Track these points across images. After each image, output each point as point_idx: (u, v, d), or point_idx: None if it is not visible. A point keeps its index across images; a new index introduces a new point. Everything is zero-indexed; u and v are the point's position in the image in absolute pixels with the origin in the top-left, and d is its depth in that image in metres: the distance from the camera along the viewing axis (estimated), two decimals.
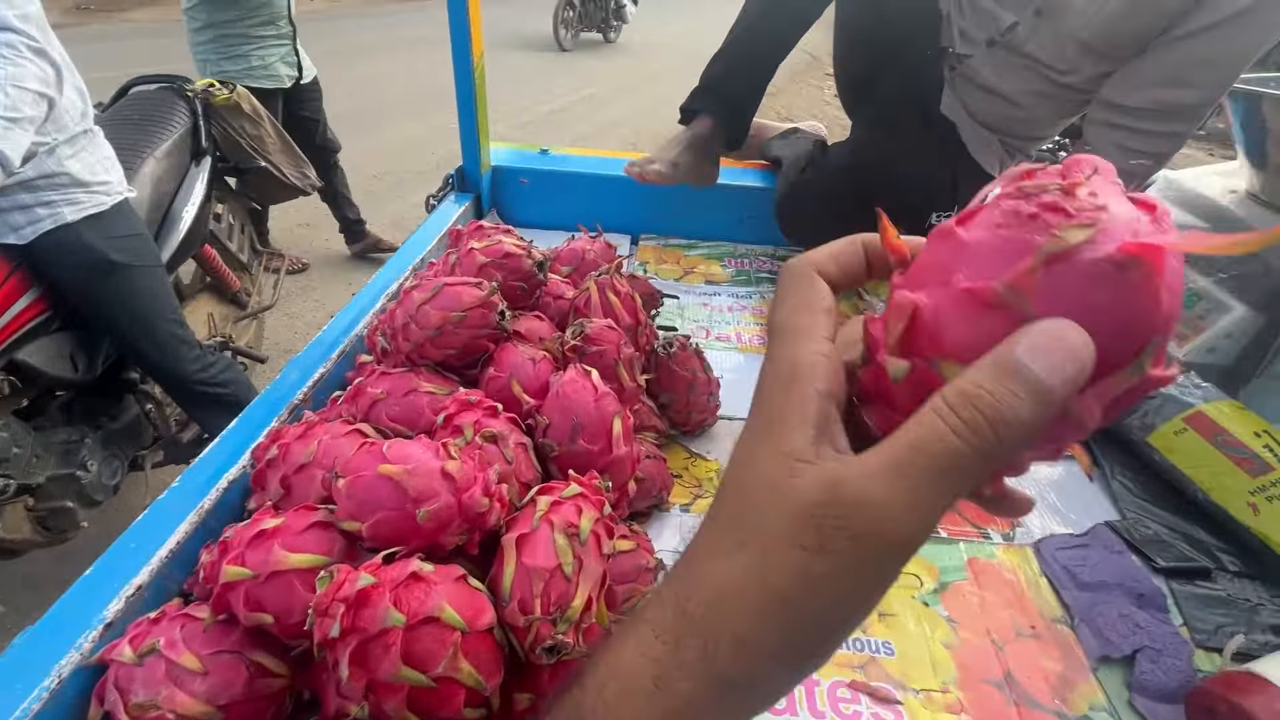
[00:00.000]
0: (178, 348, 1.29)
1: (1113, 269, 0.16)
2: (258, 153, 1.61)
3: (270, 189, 1.76)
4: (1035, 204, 0.17)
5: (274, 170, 1.65)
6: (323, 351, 0.73)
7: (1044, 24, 0.81)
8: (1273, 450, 0.69)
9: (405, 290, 0.61)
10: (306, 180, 1.76)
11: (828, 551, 0.18)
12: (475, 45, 1.05)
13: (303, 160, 1.76)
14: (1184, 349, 0.93)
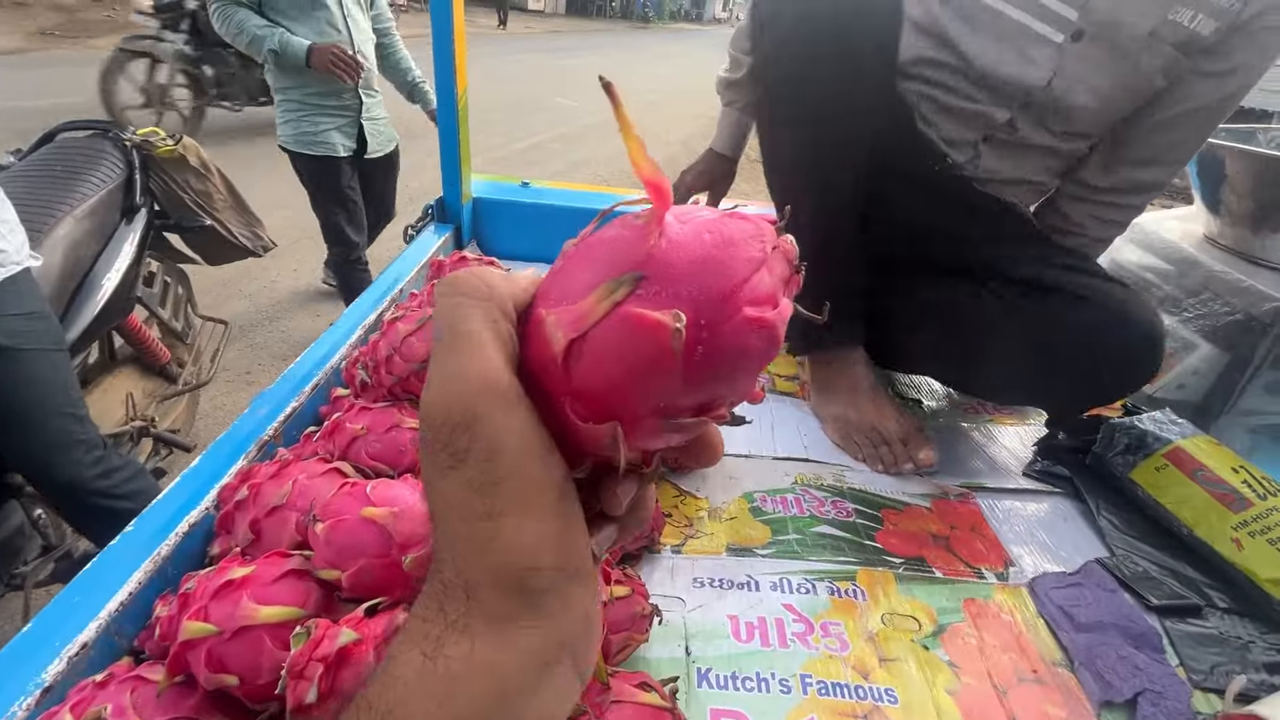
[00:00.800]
0: (71, 448, 1.03)
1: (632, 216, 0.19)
2: (204, 210, 1.43)
3: (217, 249, 1.56)
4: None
5: (221, 229, 1.48)
6: (294, 385, 0.69)
7: (1031, 114, 0.78)
8: (1250, 486, 0.70)
9: (388, 322, 0.58)
10: (258, 241, 1.60)
11: None
12: (460, 79, 1.05)
13: (255, 219, 1.61)
14: (1156, 385, 0.95)
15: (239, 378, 2.17)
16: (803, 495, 0.73)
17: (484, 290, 0.19)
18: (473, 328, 0.18)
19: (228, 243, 1.52)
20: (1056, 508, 0.77)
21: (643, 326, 0.16)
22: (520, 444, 0.18)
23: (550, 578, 0.18)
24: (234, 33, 1.70)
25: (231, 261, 1.64)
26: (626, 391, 0.17)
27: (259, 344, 2.38)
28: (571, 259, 0.19)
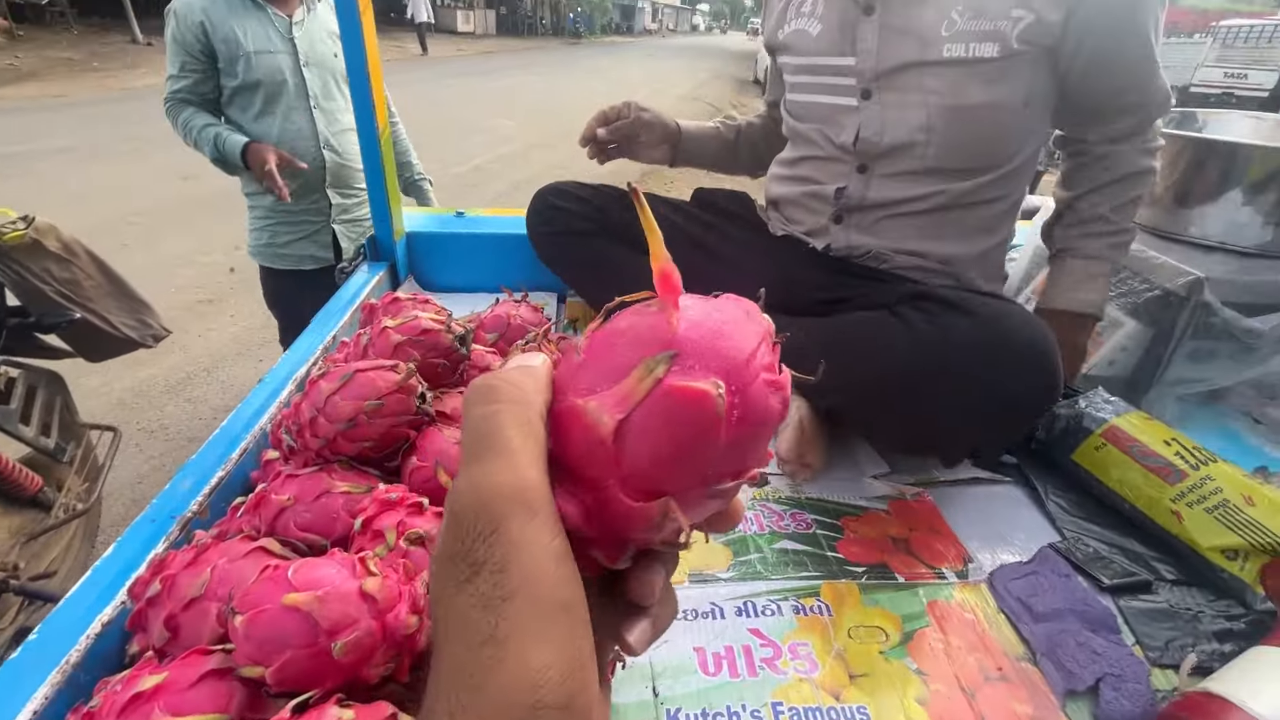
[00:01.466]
0: None
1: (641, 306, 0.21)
2: (72, 300, 1.21)
3: (95, 343, 1.31)
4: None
5: (98, 320, 1.24)
6: (220, 452, 0.65)
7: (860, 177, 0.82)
8: (1183, 457, 0.72)
9: (311, 380, 0.55)
10: (147, 330, 1.35)
11: None
12: (380, 113, 1.02)
13: (142, 304, 1.36)
14: (1089, 364, 0.98)
15: (176, 438, 2.06)
16: (761, 510, 0.72)
17: (516, 394, 0.20)
18: (506, 434, 0.18)
19: (107, 335, 1.28)
20: (1008, 495, 0.78)
21: (688, 397, 0.18)
22: (537, 554, 0.17)
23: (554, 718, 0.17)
24: (181, 134, 1.46)
25: (116, 356, 1.36)
26: (676, 463, 0.19)
27: (197, 399, 2.26)
28: (594, 349, 0.20)
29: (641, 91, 11.03)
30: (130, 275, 3.20)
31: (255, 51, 1.42)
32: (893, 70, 0.75)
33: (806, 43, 0.81)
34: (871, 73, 0.76)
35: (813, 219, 0.88)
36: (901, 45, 0.73)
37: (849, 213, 0.84)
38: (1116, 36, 0.72)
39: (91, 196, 4.16)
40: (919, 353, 0.65)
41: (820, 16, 0.79)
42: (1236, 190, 0.87)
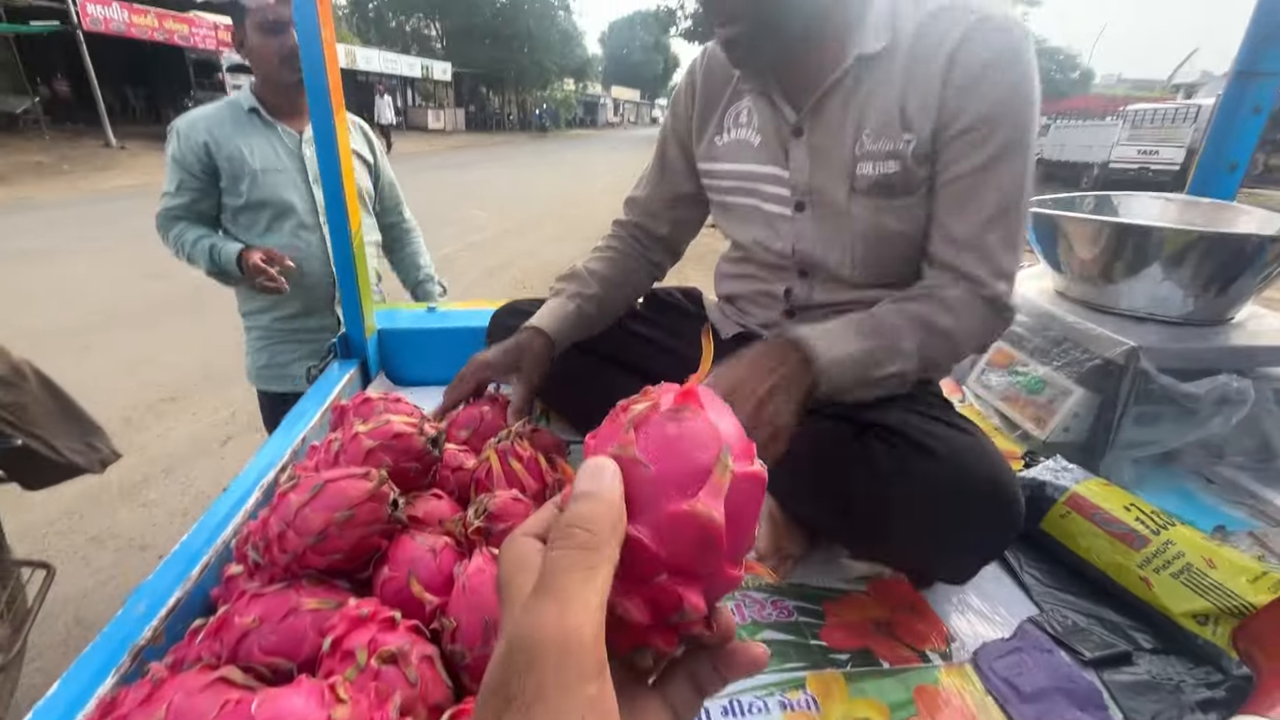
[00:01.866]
0: None
1: (673, 413, 0.26)
2: (14, 426, 1.12)
3: (36, 471, 1.20)
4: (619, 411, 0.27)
5: (41, 446, 1.14)
6: (179, 570, 0.62)
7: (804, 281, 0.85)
8: (1143, 521, 0.75)
9: (280, 492, 0.54)
10: (95, 455, 1.24)
11: None
12: (352, 213, 1.05)
13: (91, 426, 1.26)
14: (1046, 432, 1.02)
15: (127, 547, 1.94)
16: (742, 600, 0.72)
17: (587, 539, 0.22)
18: (565, 579, 0.21)
19: (49, 462, 1.17)
20: (983, 571, 0.79)
21: (756, 479, 0.26)
22: (568, 699, 0.18)
23: None
24: (173, 249, 1.41)
25: (59, 483, 1.24)
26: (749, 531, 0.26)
27: (152, 503, 2.16)
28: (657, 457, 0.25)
29: (605, 179, 11.57)
30: (89, 376, 3.13)
31: (262, 170, 1.39)
32: (820, 189, 0.78)
33: (748, 152, 0.84)
34: (803, 187, 0.79)
35: (766, 314, 0.91)
36: (826, 166, 0.77)
37: (801, 310, 0.87)
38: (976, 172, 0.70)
39: (51, 298, 4.10)
40: (883, 491, 0.64)
41: (758, 128, 0.83)
42: (1155, 266, 0.95)
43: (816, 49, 0.74)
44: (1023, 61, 0.66)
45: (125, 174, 10.02)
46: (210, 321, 3.81)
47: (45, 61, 14.20)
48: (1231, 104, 1.22)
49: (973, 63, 0.66)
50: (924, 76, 0.69)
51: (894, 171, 0.72)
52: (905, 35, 0.70)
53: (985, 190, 0.70)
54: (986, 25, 0.66)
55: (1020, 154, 0.69)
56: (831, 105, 0.75)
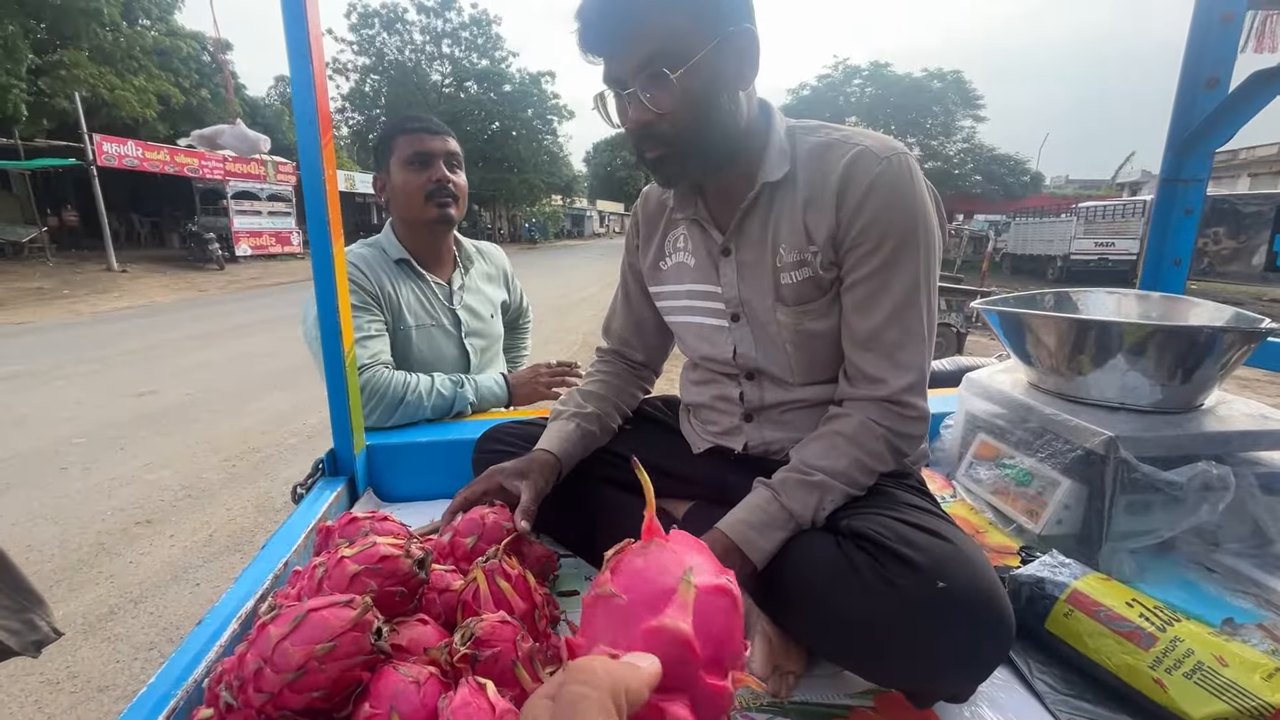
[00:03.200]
0: None
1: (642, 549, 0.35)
2: None
3: None
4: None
5: None
6: (146, 714, 0.59)
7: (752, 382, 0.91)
8: (1148, 618, 0.73)
9: (260, 624, 0.53)
10: (31, 636, 1.03)
11: None
12: (345, 331, 1.08)
13: (33, 599, 1.07)
14: (1040, 525, 1.02)
15: (85, 689, 1.80)
16: None
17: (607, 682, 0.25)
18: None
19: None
20: (993, 678, 0.75)
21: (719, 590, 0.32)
22: None
23: None
24: (401, 400, 1.24)
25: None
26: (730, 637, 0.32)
27: (118, 636, 2.03)
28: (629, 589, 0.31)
29: (593, 288, 11.99)
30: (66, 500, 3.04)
31: (416, 326, 1.34)
32: (748, 300, 0.87)
33: (687, 273, 0.94)
34: (735, 300, 0.87)
35: (726, 419, 0.96)
36: (753, 280, 0.86)
37: (755, 412, 0.92)
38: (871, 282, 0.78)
39: (34, 420, 4.06)
40: (866, 604, 0.63)
41: (692, 251, 0.93)
42: (1119, 358, 0.99)
43: (731, 179, 0.85)
44: (902, 183, 0.75)
45: (124, 296, 10.26)
46: (195, 437, 3.77)
47: (57, 193, 14.99)
48: (1165, 208, 1.33)
49: (856, 189, 0.76)
50: (819, 199, 0.79)
51: (807, 278, 0.81)
52: (801, 164, 0.81)
53: (881, 293, 0.78)
54: (865, 156, 0.76)
55: (910, 259, 0.77)
56: (751, 226, 0.85)
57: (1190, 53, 1.29)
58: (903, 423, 0.79)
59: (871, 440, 0.78)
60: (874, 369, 0.78)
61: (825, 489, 0.75)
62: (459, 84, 30.39)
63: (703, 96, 0.75)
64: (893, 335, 0.77)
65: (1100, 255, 15.00)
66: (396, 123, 1.36)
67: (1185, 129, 1.30)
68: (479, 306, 1.49)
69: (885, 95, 29.91)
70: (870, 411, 0.78)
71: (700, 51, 0.73)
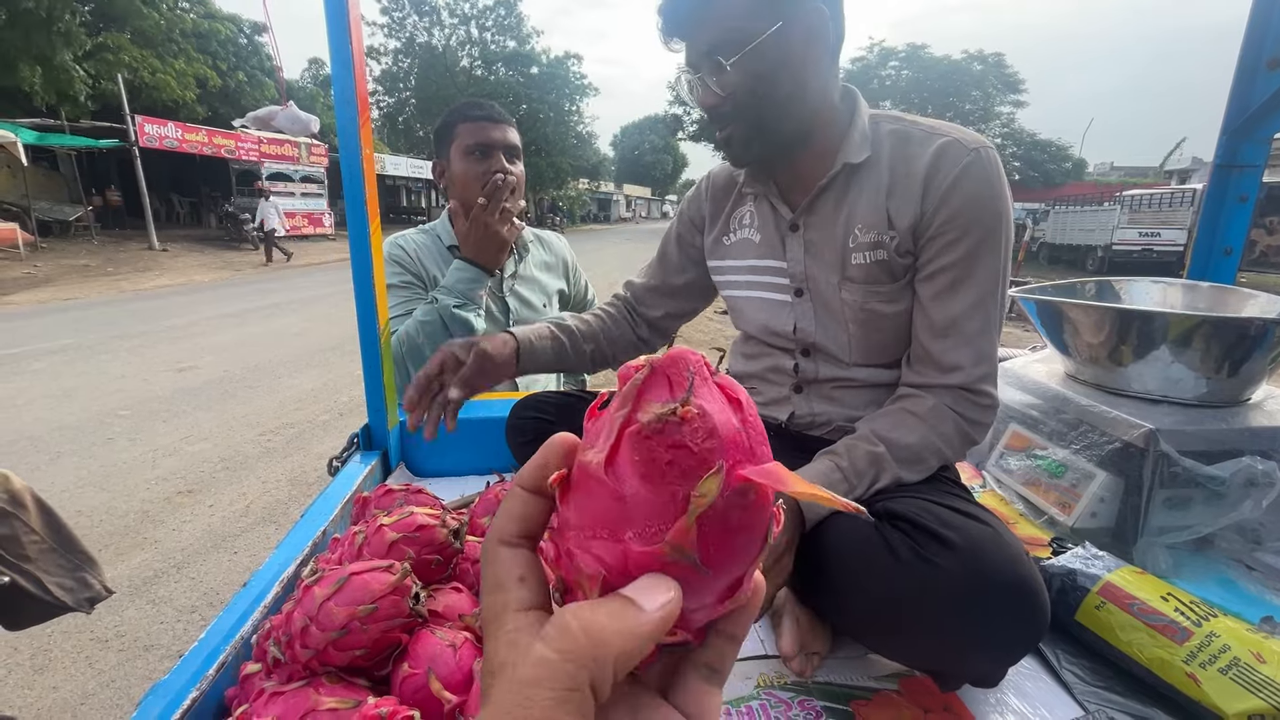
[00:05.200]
0: None
1: (738, 497, 0.21)
2: (6, 563, 1.04)
3: (20, 610, 1.09)
4: (667, 447, 0.21)
5: (28, 584, 1.05)
6: (196, 669, 0.62)
7: (809, 358, 0.91)
8: (1183, 613, 0.72)
9: (304, 585, 0.55)
10: (85, 592, 1.13)
11: None
12: (381, 311, 1.11)
13: (86, 560, 1.15)
14: (1072, 517, 1.00)
15: (132, 647, 1.90)
16: (768, 700, 0.69)
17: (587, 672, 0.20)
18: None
19: (36, 600, 1.07)
20: (1021, 667, 0.75)
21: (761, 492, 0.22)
22: None
23: None
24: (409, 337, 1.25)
25: (41, 622, 1.13)
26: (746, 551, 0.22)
27: (162, 599, 2.12)
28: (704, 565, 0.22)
29: (617, 274, 11.97)
30: (112, 468, 3.17)
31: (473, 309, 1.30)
32: (814, 277, 0.87)
33: (750, 249, 0.95)
34: (800, 276, 0.89)
35: (775, 390, 0.96)
36: (819, 257, 0.86)
37: (806, 384, 0.93)
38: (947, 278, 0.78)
39: (82, 392, 4.23)
40: (900, 582, 0.63)
41: (758, 228, 0.94)
42: (1163, 350, 0.96)
43: (809, 157, 0.85)
44: (987, 174, 0.76)
45: (165, 274, 10.57)
46: (232, 412, 3.90)
47: (101, 173, 15.45)
48: (1217, 195, 1.28)
49: (943, 179, 0.76)
50: (904, 187, 0.79)
51: (880, 260, 0.81)
52: (885, 151, 0.81)
53: (964, 284, 0.78)
54: (954, 147, 0.77)
55: (993, 251, 0.77)
56: (824, 205, 0.85)
57: (1251, 32, 1.23)
58: (977, 410, 0.79)
59: (943, 423, 0.78)
60: (952, 356, 0.78)
61: (883, 462, 0.76)
62: (488, 66, 30.41)
63: (762, 80, 0.77)
64: (974, 324, 0.78)
65: (1145, 246, 14.46)
66: (459, 109, 1.36)
67: (1243, 112, 1.25)
68: (531, 295, 1.48)
69: (922, 78, 29.09)
70: (944, 397, 0.79)
71: (761, 35, 0.74)
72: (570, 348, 1.04)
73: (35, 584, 1.06)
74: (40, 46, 11.07)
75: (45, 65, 11.38)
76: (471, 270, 1.27)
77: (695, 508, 0.20)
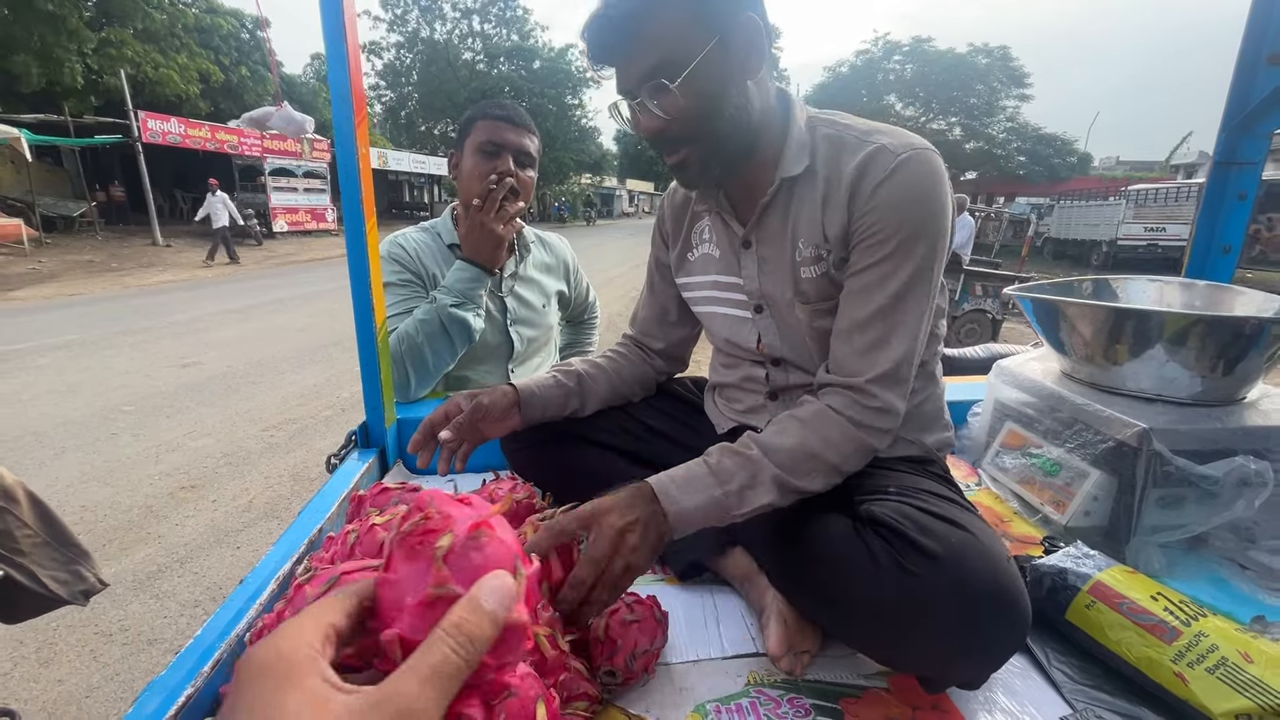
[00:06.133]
0: None
1: (471, 539, 0.37)
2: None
3: (15, 603, 1.08)
4: (418, 539, 0.37)
5: (21, 577, 1.04)
6: (192, 665, 0.63)
7: (777, 368, 0.92)
8: (1172, 612, 0.72)
9: (296, 585, 0.56)
10: (79, 584, 1.12)
11: None
12: (378, 309, 1.11)
13: (80, 553, 1.13)
14: (1066, 516, 1.00)
15: (135, 641, 1.92)
16: (757, 698, 0.69)
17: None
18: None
19: (30, 594, 1.07)
20: (1010, 665, 0.76)
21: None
22: None
23: None
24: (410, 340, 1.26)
25: (36, 616, 1.12)
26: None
27: (165, 594, 2.14)
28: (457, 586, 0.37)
29: (620, 269, 11.96)
30: (116, 464, 3.19)
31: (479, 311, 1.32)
32: (769, 294, 0.87)
33: (711, 264, 0.94)
34: (757, 293, 0.88)
35: (751, 398, 0.97)
36: (773, 274, 0.85)
37: (780, 392, 0.93)
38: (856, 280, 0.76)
39: (86, 387, 4.25)
40: (881, 590, 0.63)
41: (716, 243, 0.93)
42: (1158, 349, 0.96)
43: (752, 172, 0.84)
44: (917, 178, 0.73)
45: (168, 270, 10.61)
46: (235, 407, 3.92)
47: (105, 169, 15.48)
48: (1216, 191, 1.27)
49: (867, 187, 0.75)
50: (835, 197, 0.78)
51: (823, 274, 0.81)
52: (821, 159, 0.80)
53: (876, 287, 0.75)
54: (881, 155, 0.75)
55: (914, 256, 0.74)
56: (771, 220, 0.84)
57: (1251, 27, 1.23)
58: (867, 414, 0.74)
59: (826, 427, 0.74)
60: (848, 360, 0.76)
61: (757, 466, 0.71)
62: (490, 60, 30.32)
63: (709, 96, 0.75)
64: (875, 330, 0.75)
65: (1150, 241, 14.38)
66: (483, 105, 1.36)
67: (1242, 108, 1.24)
68: (530, 296, 1.49)
69: (926, 72, 28.91)
70: (832, 399, 0.76)
71: (701, 52, 0.72)
72: (579, 392, 1.01)
73: (29, 577, 1.07)
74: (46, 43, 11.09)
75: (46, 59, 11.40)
76: (471, 270, 1.28)
77: (439, 553, 0.36)
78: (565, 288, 1.62)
